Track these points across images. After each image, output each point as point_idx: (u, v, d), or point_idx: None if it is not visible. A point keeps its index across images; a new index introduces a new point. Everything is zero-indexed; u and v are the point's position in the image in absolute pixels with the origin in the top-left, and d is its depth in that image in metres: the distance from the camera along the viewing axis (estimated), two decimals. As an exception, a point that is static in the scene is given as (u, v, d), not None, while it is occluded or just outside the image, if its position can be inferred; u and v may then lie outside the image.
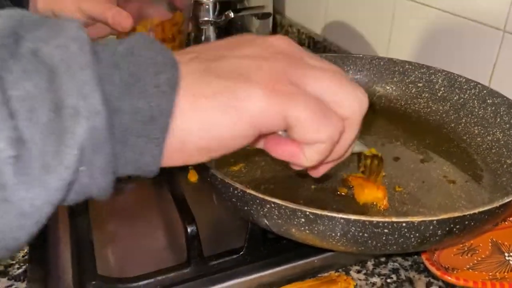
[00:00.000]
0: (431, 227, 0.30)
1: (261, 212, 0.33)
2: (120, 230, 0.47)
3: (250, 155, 0.48)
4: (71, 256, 0.40)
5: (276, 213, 0.32)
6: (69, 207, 0.47)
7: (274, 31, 1.09)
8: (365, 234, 0.31)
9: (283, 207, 0.32)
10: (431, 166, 0.47)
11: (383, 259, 0.44)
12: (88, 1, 0.49)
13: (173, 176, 0.47)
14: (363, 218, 0.30)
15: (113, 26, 0.48)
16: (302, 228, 0.32)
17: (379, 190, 0.40)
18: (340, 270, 0.43)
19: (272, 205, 0.32)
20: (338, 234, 0.32)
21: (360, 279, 0.42)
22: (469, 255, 0.43)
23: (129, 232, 0.46)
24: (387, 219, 0.30)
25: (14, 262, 0.44)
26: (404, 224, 0.30)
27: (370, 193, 0.41)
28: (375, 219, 0.30)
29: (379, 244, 0.32)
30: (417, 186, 0.43)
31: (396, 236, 0.31)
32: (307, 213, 0.31)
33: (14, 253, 0.38)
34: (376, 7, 0.77)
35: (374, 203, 0.41)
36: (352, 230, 0.31)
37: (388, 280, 0.42)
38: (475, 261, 0.42)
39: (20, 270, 0.43)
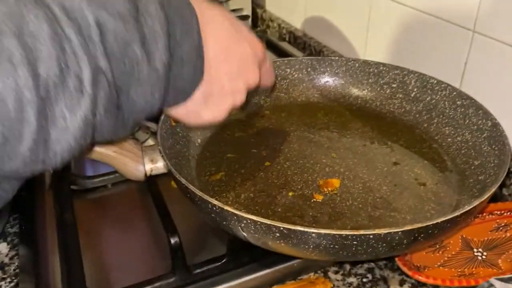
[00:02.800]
0: (397, 238, 0.33)
1: (239, 227, 0.35)
2: (107, 240, 0.48)
3: (231, 162, 0.50)
4: (60, 269, 0.42)
5: (253, 228, 0.34)
6: (57, 219, 0.48)
7: (255, 25, 1.09)
8: (336, 246, 0.33)
9: (259, 223, 0.33)
10: (404, 168, 0.49)
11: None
12: None
13: (156, 186, 0.48)
14: (333, 232, 0.32)
15: None
16: (278, 241, 0.34)
17: None
18: (319, 271, 0.45)
19: (249, 221, 0.34)
20: (311, 246, 0.34)
21: (337, 280, 0.44)
22: (440, 252, 0.46)
23: (116, 242, 0.48)
24: (355, 232, 0.32)
25: (5, 276, 0.46)
26: (371, 236, 0.32)
27: None
28: (344, 232, 0.32)
29: (349, 254, 0.34)
30: (389, 189, 0.46)
31: (365, 246, 0.33)
32: (281, 228, 0.33)
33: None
34: (354, 4, 0.78)
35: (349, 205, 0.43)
36: (324, 243, 0.33)
37: (364, 280, 0.44)
38: (446, 258, 0.45)
39: (11, 284, 0.45)
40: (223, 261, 0.43)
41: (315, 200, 0.44)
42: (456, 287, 0.41)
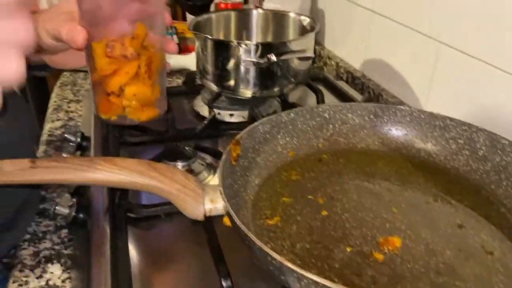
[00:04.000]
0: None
1: (298, 285, 0.34)
2: (157, 272, 0.48)
3: (286, 207, 0.49)
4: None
5: None
6: (111, 246, 0.49)
7: (313, 61, 1.09)
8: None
9: (321, 284, 0.32)
10: (469, 232, 0.46)
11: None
12: (51, 21, 0.48)
13: (211, 225, 0.48)
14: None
15: (68, 43, 0.46)
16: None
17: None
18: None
19: (310, 281, 0.33)
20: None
21: None
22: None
23: (165, 275, 0.48)
24: (424, 307, 0.30)
25: (56, 299, 0.47)
26: (441, 313, 0.30)
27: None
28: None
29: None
30: (453, 254, 0.43)
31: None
32: (345, 293, 0.31)
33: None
34: (419, 50, 0.76)
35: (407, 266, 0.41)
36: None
37: None
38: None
39: (62, 308, 0.46)
40: (274, 310, 0.42)
41: (374, 259, 0.42)
42: None
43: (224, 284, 0.40)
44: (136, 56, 0.47)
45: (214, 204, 0.43)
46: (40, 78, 2.25)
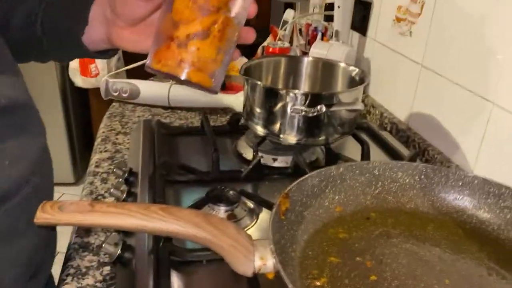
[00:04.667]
0: None
1: None
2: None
3: (334, 268, 0.48)
4: None
5: None
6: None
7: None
8: None
9: None
10: (527, 314, 0.44)
11: None
12: None
13: (255, 279, 0.47)
14: None
15: None
16: None
17: None
18: None
19: None
20: None
21: None
22: None
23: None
24: None
25: None
26: None
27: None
28: None
29: None
30: (512, 338, 0.41)
31: None
32: None
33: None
34: (469, 110, 0.75)
35: None
36: None
37: None
38: None
39: None
40: None
41: (425, 335, 0.41)
42: None
43: None
44: (216, 11, 0.45)
45: (264, 261, 0.43)
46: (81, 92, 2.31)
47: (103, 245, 0.53)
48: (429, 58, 0.86)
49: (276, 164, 0.79)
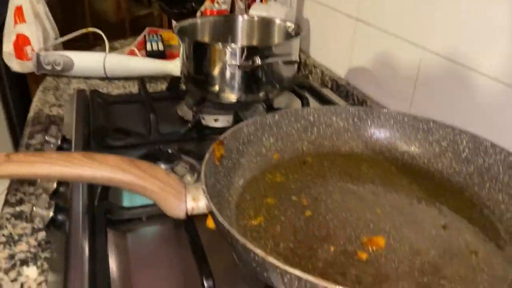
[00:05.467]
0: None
1: (281, 281, 0.33)
2: (136, 274, 0.47)
3: (270, 208, 0.49)
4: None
5: (296, 284, 0.32)
6: (89, 247, 0.47)
7: (298, 69, 1.10)
8: (385, 314, 0.31)
9: (304, 279, 0.31)
10: (453, 233, 0.46)
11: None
12: None
13: (193, 226, 0.47)
14: (384, 298, 0.30)
15: None
16: (322, 301, 0.32)
17: None
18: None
19: (293, 276, 0.32)
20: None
21: None
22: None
23: (145, 277, 0.47)
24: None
25: (31, 302, 0.45)
26: (426, 308, 0.30)
27: None
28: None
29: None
30: (438, 254, 0.43)
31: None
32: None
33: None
34: (403, 59, 0.77)
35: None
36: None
37: None
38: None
39: (36, 312, 0.44)
40: (256, 312, 0.41)
41: (358, 258, 0.42)
42: None
43: (206, 284, 0.39)
44: None
45: (197, 202, 0.42)
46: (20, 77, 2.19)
47: (33, 208, 0.51)
48: (362, 10, 0.87)
49: (217, 125, 0.78)
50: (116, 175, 0.39)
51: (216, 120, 0.78)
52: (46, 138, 0.67)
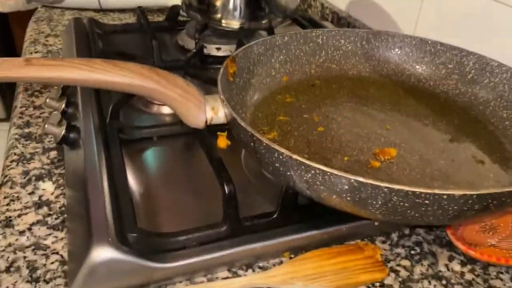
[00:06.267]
0: (470, 201, 0.32)
1: (304, 178, 0.35)
2: (155, 189, 0.48)
3: (283, 124, 0.50)
4: (111, 209, 0.41)
5: (320, 179, 0.34)
6: (106, 161, 0.48)
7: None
8: (406, 204, 0.32)
9: (328, 173, 0.33)
10: (460, 145, 0.48)
11: (406, 232, 0.46)
12: None
13: (207, 138, 0.48)
14: (406, 188, 0.31)
15: None
16: (344, 195, 0.34)
17: None
18: (365, 239, 0.45)
19: (317, 171, 0.33)
20: (379, 202, 0.33)
21: (385, 249, 0.44)
22: (490, 233, 0.45)
23: (163, 191, 0.48)
24: (429, 191, 0.31)
25: (51, 212, 0.46)
26: (445, 197, 0.31)
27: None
28: (418, 189, 0.31)
29: (417, 215, 0.33)
30: (446, 164, 0.45)
31: (435, 207, 0.32)
32: (352, 180, 0.32)
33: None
34: (407, -14, 0.76)
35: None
36: (394, 200, 0.32)
37: (412, 252, 0.44)
38: (497, 239, 0.44)
39: (57, 221, 0.45)
40: (273, 217, 0.43)
41: (371, 166, 0.44)
42: (512, 265, 0.40)
43: (226, 189, 0.40)
44: None
45: (215, 113, 0.43)
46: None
47: (45, 125, 0.51)
48: None
49: (220, 53, 0.77)
50: (138, 81, 0.39)
51: (218, 49, 0.77)
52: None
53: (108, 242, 0.37)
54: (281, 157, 0.35)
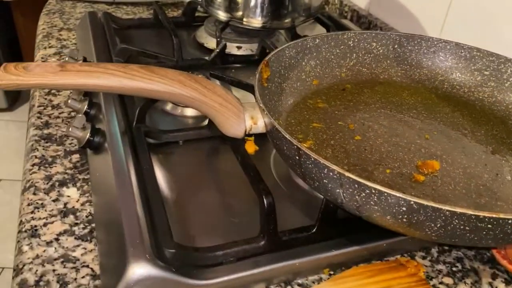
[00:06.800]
0: (536, 226, 0.30)
1: (356, 197, 0.33)
2: (186, 198, 0.46)
3: (318, 132, 0.48)
4: (144, 219, 0.40)
5: (375, 199, 0.32)
6: (135, 168, 0.46)
7: None
8: (467, 228, 0.31)
9: (385, 193, 0.31)
10: (503, 157, 0.46)
11: (446, 247, 0.44)
12: None
13: (240, 145, 0.46)
14: (469, 212, 0.30)
15: None
16: (400, 217, 0.32)
17: None
18: (405, 255, 0.43)
19: (373, 190, 0.32)
20: (438, 225, 0.31)
21: (426, 265, 0.43)
22: (533, 250, 0.43)
23: (190, 198, 0.46)
24: (494, 215, 0.30)
25: (78, 221, 0.44)
26: (510, 221, 0.30)
27: None
28: (482, 213, 0.30)
29: (476, 238, 0.32)
30: (491, 178, 0.43)
31: (497, 231, 0.31)
32: (411, 202, 0.31)
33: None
34: (434, -14, 0.74)
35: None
36: (455, 223, 0.31)
37: (454, 269, 0.42)
38: (541, 257, 0.43)
39: (85, 230, 0.43)
40: (312, 231, 0.41)
41: (415, 180, 0.42)
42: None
43: (265, 201, 0.38)
44: None
45: (255, 120, 0.41)
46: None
47: (70, 129, 0.49)
48: None
49: (240, 52, 0.75)
50: (178, 89, 0.37)
51: (239, 48, 0.75)
52: (67, 59, 0.64)
53: (146, 259, 0.36)
54: (331, 174, 0.33)
